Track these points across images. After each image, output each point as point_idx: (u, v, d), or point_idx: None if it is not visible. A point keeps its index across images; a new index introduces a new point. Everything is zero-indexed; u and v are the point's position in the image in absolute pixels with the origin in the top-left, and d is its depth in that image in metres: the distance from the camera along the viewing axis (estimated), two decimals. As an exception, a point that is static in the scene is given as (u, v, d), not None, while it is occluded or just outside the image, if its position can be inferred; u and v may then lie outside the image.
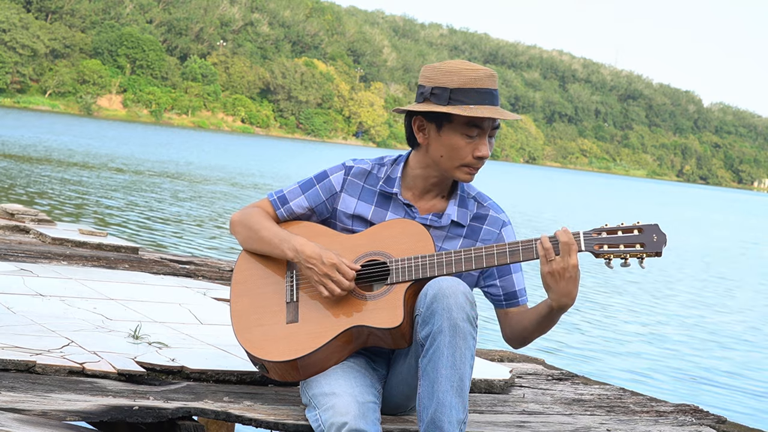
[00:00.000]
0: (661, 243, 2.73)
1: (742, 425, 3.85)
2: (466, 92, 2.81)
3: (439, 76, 2.84)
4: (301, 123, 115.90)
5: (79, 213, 14.48)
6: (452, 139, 2.84)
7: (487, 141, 2.87)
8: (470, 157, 2.85)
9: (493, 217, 2.99)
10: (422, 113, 2.87)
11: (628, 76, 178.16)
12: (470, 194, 3.00)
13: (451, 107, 2.80)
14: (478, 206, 3.00)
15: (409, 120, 2.92)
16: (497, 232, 2.98)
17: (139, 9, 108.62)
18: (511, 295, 2.99)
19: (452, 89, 2.81)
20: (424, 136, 2.89)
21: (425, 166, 2.93)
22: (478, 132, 2.84)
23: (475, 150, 2.85)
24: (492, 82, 2.84)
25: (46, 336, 3.35)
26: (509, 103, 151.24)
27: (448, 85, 2.82)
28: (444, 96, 2.82)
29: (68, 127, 54.07)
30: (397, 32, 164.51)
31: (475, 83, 2.81)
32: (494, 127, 2.87)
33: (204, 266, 6.01)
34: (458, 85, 2.81)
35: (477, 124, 2.82)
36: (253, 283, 2.97)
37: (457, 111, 2.78)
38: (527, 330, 2.93)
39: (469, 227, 2.97)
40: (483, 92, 2.82)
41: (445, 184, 2.97)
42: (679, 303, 13.67)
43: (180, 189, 22.08)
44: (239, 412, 2.85)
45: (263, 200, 3.05)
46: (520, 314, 2.96)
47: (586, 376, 4.29)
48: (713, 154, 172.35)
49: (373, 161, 3.01)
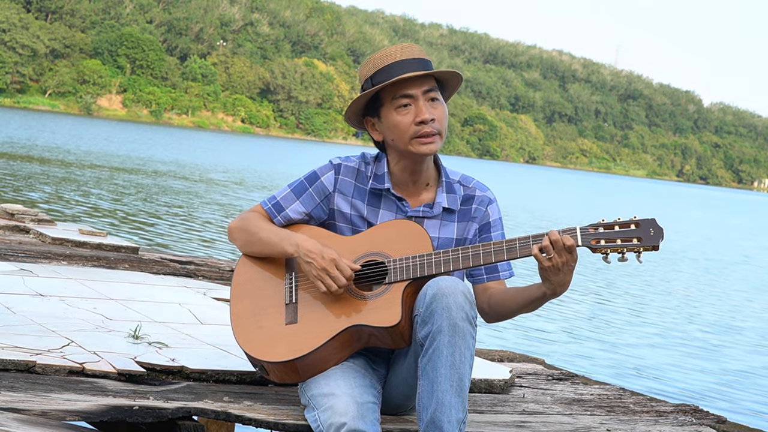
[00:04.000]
0: (658, 237, 2.73)
1: (742, 425, 3.85)
2: (382, 72, 2.90)
3: (362, 71, 2.96)
4: (301, 123, 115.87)
5: (79, 213, 14.47)
6: (390, 119, 2.91)
7: (426, 105, 2.90)
8: (413, 126, 2.89)
9: (480, 196, 3.03)
10: (365, 111, 2.97)
11: (628, 76, 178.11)
12: (455, 179, 3.04)
13: (366, 90, 2.90)
14: (465, 188, 3.03)
15: (365, 127, 3.01)
16: (483, 209, 3.02)
17: (139, 9, 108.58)
18: (492, 269, 3.01)
19: (371, 76, 2.92)
20: (377, 132, 2.97)
21: (397, 159, 2.97)
22: (409, 100, 2.89)
23: (415, 117, 2.89)
24: (405, 52, 2.91)
25: (46, 336, 3.35)
26: (509, 103, 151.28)
27: (368, 75, 2.93)
28: (368, 86, 2.92)
29: (68, 127, 54.08)
30: (397, 32, 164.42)
31: (387, 59, 2.90)
32: (426, 90, 2.91)
33: (204, 266, 6.01)
34: (374, 69, 2.92)
35: (403, 93, 2.89)
36: (253, 285, 2.98)
37: (373, 89, 2.88)
38: (510, 310, 2.93)
39: (460, 211, 3.01)
40: (399, 64, 2.89)
41: (427, 172, 2.99)
42: (679, 303, 13.67)
43: (180, 189, 22.08)
44: (239, 412, 2.85)
45: (257, 207, 3.05)
46: (502, 292, 2.96)
47: (586, 376, 4.29)
48: (713, 154, 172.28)
49: (358, 158, 3.04)
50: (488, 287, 2.99)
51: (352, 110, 2.96)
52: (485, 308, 2.98)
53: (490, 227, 3.02)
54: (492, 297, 2.97)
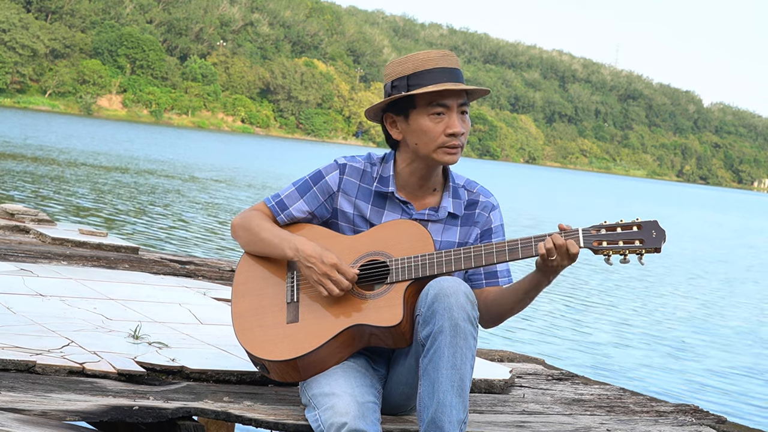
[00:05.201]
0: (660, 239, 2.73)
1: (742, 425, 3.85)
2: (422, 75, 2.86)
3: (396, 68, 2.91)
4: (301, 123, 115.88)
5: (79, 213, 14.47)
6: (421, 123, 2.88)
7: (457, 117, 2.89)
8: (443, 136, 2.88)
9: (483, 202, 3.02)
10: (388, 108, 2.93)
11: (628, 76, 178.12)
12: (460, 184, 3.03)
13: (410, 92, 2.86)
14: (469, 193, 3.03)
15: (383, 122, 2.97)
16: (486, 215, 3.02)
17: (139, 9, 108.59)
18: (491, 274, 3.00)
19: (408, 75, 2.88)
20: (398, 131, 2.94)
21: (410, 161, 2.95)
22: (443, 110, 2.87)
23: (446, 128, 2.88)
24: (446, 60, 2.89)
25: (46, 336, 3.35)
26: (509, 103, 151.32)
27: (404, 73, 2.89)
28: (403, 85, 2.88)
29: (67, 128, 54.07)
30: (397, 32, 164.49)
31: (428, 64, 2.87)
32: (461, 103, 2.90)
33: (204, 266, 6.01)
34: (413, 70, 2.87)
35: (440, 102, 2.87)
36: (254, 284, 2.98)
37: (414, 92, 2.84)
38: (506, 307, 2.93)
39: (463, 216, 3.01)
40: (439, 71, 2.87)
41: (436, 178, 2.98)
42: (679, 303, 13.67)
43: (181, 189, 22.08)
44: (239, 412, 2.85)
45: (260, 205, 3.04)
46: (496, 291, 2.97)
47: (586, 376, 4.29)
48: (713, 154, 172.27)
49: (364, 159, 3.03)
50: (484, 291, 2.99)
51: (380, 106, 2.93)
52: (482, 312, 2.95)
53: (491, 233, 3.02)
54: (487, 298, 2.97)
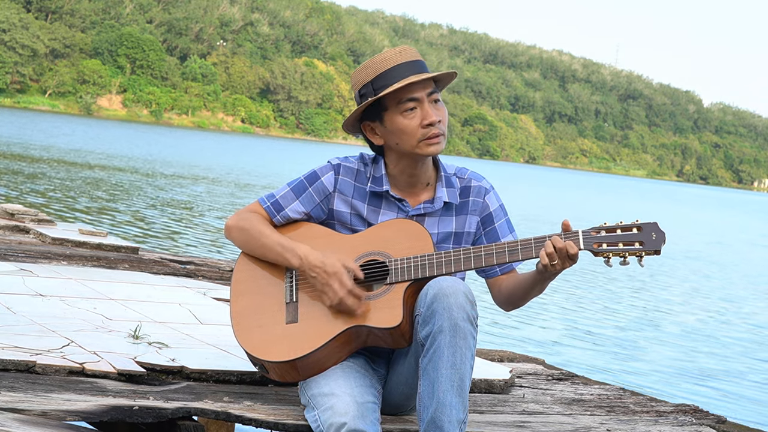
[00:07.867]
0: (659, 241, 2.73)
1: (742, 425, 3.85)
2: (384, 75, 2.88)
3: (359, 76, 2.94)
4: (301, 123, 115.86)
5: (79, 213, 14.47)
6: (396, 123, 2.90)
7: (430, 107, 2.90)
8: (420, 129, 2.89)
9: (476, 187, 3.03)
10: (363, 117, 2.95)
11: (628, 76, 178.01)
12: (451, 173, 3.04)
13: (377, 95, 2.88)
14: (461, 180, 3.03)
15: (362, 132, 3.00)
16: (481, 200, 3.02)
17: (139, 9, 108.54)
18: (507, 264, 3.00)
19: (372, 80, 2.90)
20: (378, 136, 2.96)
21: (397, 161, 2.96)
22: (414, 104, 2.89)
23: (422, 120, 2.89)
24: (405, 55, 2.91)
25: (46, 336, 3.35)
26: (509, 103, 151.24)
27: (367, 79, 2.91)
28: (369, 90, 2.90)
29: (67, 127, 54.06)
30: (397, 32, 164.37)
31: (388, 63, 2.89)
32: (431, 92, 2.91)
33: (204, 266, 6.01)
34: (375, 73, 2.90)
35: (409, 96, 2.88)
36: (253, 283, 2.97)
37: (379, 95, 2.86)
38: (519, 297, 2.96)
39: (459, 204, 3.01)
40: (400, 67, 2.88)
41: (427, 172, 2.99)
42: (679, 303, 13.67)
43: (180, 188, 22.07)
44: (239, 412, 2.85)
45: (255, 205, 3.03)
46: (507, 280, 2.99)
47: (586, 376, 4.29)
48: (713, 154, 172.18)
49: (356, 159, 3.04)
50: (499, 280, 3.01)
51: (354, 117, 2.96)
52: (502, 300, 3.01)
53: (492, 218, 3.02)
54: (502, 286, 3.00)
